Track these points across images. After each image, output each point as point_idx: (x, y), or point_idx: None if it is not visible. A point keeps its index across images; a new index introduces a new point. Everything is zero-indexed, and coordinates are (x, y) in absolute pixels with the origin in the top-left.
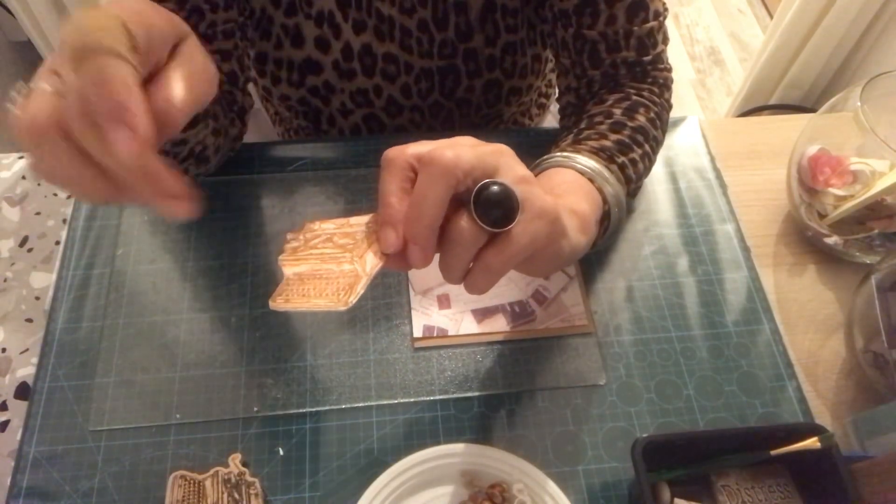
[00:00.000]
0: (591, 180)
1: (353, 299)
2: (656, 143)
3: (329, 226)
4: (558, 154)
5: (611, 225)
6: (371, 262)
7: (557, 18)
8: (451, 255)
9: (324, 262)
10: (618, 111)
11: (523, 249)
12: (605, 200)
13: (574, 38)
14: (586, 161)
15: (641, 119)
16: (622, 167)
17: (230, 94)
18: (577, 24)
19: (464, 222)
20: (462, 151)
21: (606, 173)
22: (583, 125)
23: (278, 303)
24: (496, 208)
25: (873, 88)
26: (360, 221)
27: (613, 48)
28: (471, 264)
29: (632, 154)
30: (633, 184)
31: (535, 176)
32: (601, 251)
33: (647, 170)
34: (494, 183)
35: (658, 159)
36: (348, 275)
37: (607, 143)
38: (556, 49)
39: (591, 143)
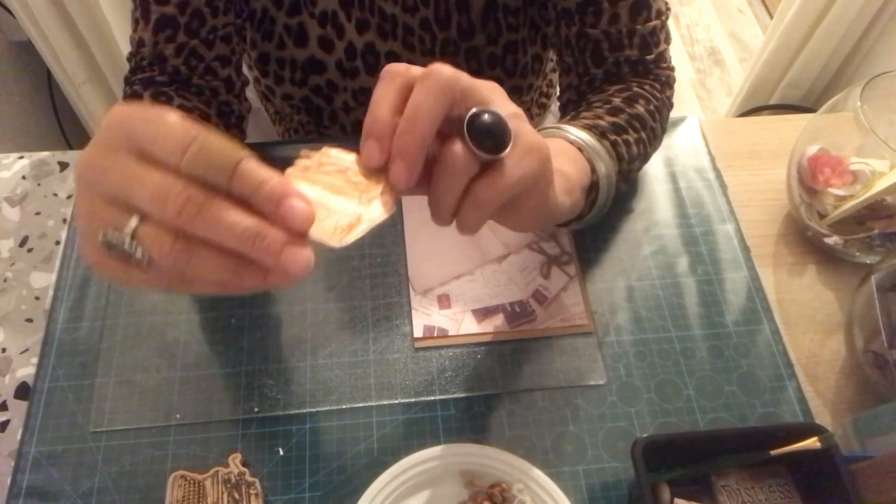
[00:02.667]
0: (580, 150)
1: (350, 240)
2: (654, 135)
3: (348, 158)
4: (550, 126)
5: (598, 198)
6: (378, 211)
7: (560, 17)
8: (443, 187)
9: (331, 192)
10: (617, 99)
11: (515, 184)
12: (593, 170)
13: (577, 36)
14: (577, 132)
15: (640, 108)
16: (614, 144)
17: (227, 105)
18: (579, 23)
19: (456, 148)
20: (461, 73)
21: (597, 146)
22: (581, 109)
23: None
24: (489, 136)
25: (873, 88)
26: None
27: (616, 47)
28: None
29: (626, 136)
30: (625, 163)
31: None
32: (601, 251)
33: (642, 156)
34: (487, 111)
35: (658, 159)
36: (351, 215)
37: (602, 122)
38: (558, 47)
39: (584, 120)
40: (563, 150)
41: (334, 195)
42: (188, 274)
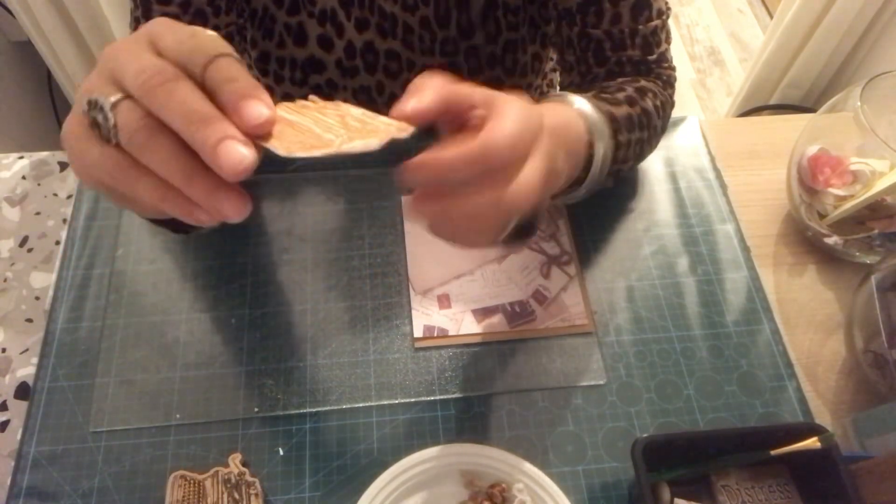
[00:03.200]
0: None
1: (301, 154)
2: (654, 133)
3: (355, 111)
4: (588, 103)
5: (590, 173)
6: (354, 144)
7: (562, 17)
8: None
9: (316, 125)
10: (630, 88)
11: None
12: (590, 144)
13: (579, 36)
14: (591, 111)
15: (649, 103)
16: (616, 134)
17: None
18: (581, 23)
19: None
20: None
21: (603, 127)
22: (595, 90)
23: None
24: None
25: (873, 88)
26: (385, 120)
27: (619, 47)
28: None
29: (630, 135)
30: (618, 163)
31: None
32: (601, 251)
33: (637, 157)
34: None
35: (658, 159)
36: (323, 140)
37: (617, 110)
38: (560, 46)
39: (603, 103)
40: (564, 124)
41: (318, 128)
42: (141, 160)
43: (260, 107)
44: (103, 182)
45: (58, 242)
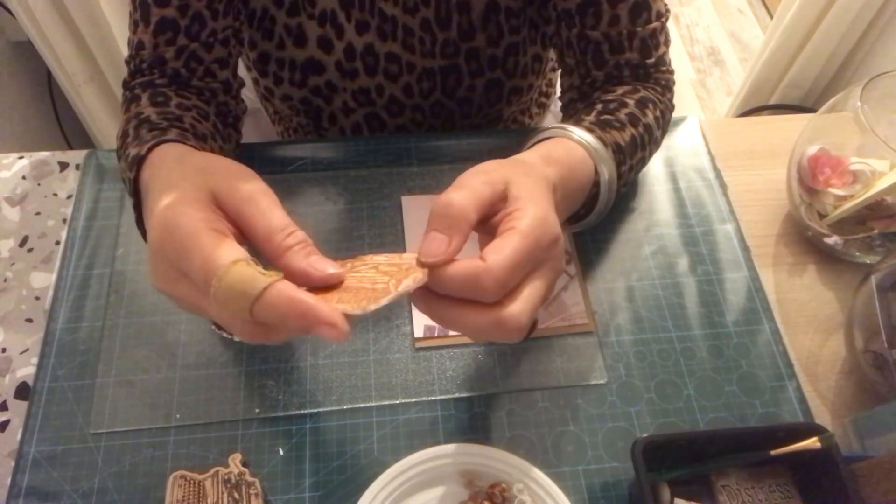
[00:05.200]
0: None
1: (373, 306)
2: (655, 146)
3: (380, 258)
4: (556, 126)
5: (598, 202)
6: (406, 284)
7: (561, 18)
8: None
9: (360, 282)
10: (631, 102)
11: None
12: (596, 171)
13: (578, 38)
14: (594, 143)
15: (650, 116)
16: (619, 165)
17: (224, 106)
18: (580, 25)
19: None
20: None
21: (604, 153)
22: (596, 107)
23: None
24: None
25: (873, 88)
26: (411, 256)
27: (617, 49)
28: None
29: (632, 158)
30: (620, 183)
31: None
32: (601, 251)
33: (637, 171)
34: None
35: (658, 159)
36: (379, 290)
37: (620, 136)
38: (560, 48)
39: (613, 131)
40: (568, 160)
41: (367, 284)
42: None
43: (328, 331)
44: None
45: (58, 242)
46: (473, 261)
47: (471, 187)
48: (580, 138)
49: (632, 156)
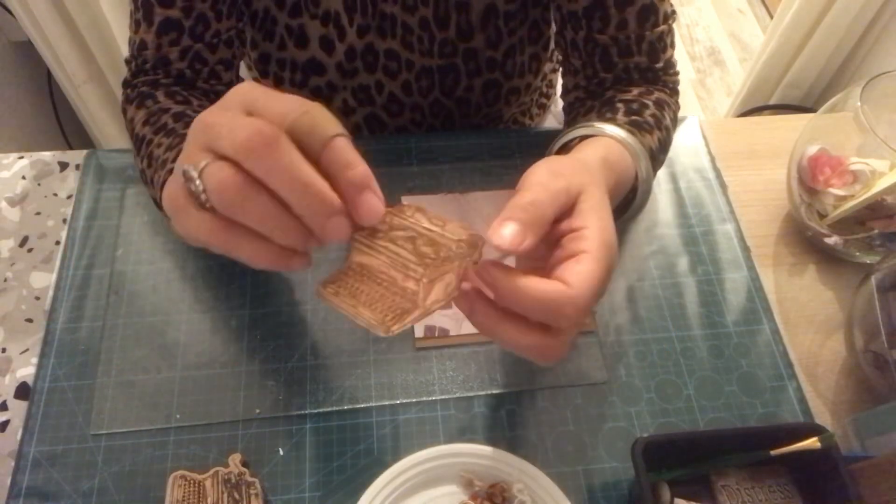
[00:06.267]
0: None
1: (398, 329)
2: (670, 147)
3: (422, 222)
4: (593, 126)
5: (636, 197)
6: (434, 297)
7: (567, 20)
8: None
9: (393, 265)
10: (650, 104)
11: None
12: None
13: (585, 41)
14: (646, 167)
15: (668, 119)
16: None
17: None
18: (587, 28)
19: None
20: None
21: (641, 150)
22: (621, 107)
23: (328, 292)
24: None
25: (873, 88)
26: (454, 235)
27: (625, 53)
28: None
29: (659, 159)
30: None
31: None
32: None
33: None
34: None
35: None
36: (407, 296)
37: (653, 141)
38: (565, 49)
39: (647, 136)
40: (613, 160)
41: (396, 271)
42: (235, 218)
43: (375, 202)
44: (209, 244)
45: (58, 242)
46: (556, 284)
47: (552, 191)
48: (624, 141)
49: (659, 160)
